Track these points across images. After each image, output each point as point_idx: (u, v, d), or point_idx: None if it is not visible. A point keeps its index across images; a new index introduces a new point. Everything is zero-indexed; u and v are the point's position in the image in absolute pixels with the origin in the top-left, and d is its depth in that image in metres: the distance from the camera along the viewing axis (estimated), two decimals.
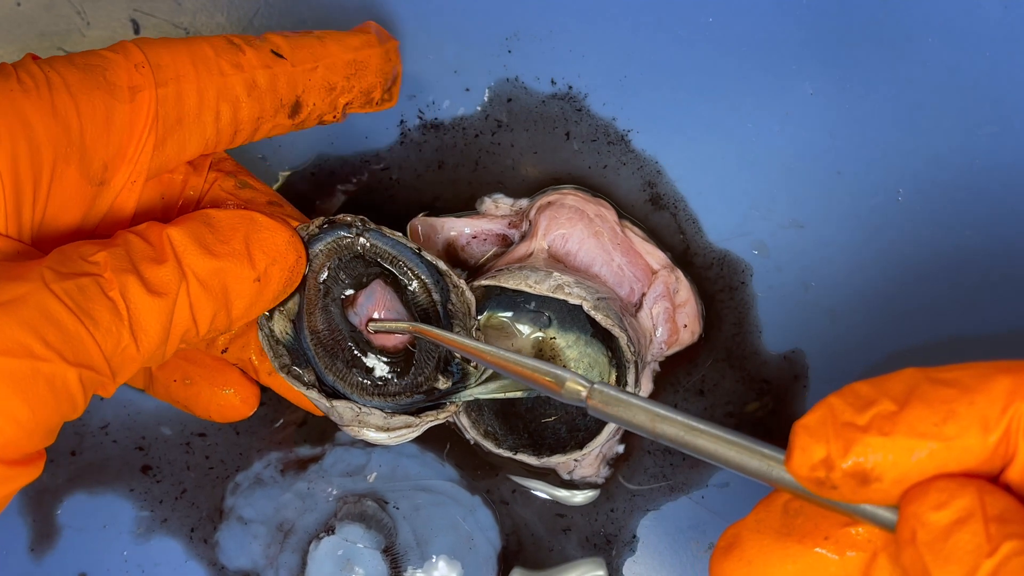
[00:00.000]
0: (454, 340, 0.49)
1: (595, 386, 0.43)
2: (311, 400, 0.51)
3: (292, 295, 0.51)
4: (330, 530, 0.59)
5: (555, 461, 0.54)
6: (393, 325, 0.52)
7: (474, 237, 0.59)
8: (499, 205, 0.60)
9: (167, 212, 0.50)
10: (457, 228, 0.59)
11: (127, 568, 0.60)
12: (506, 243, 0.59)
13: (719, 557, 0.40)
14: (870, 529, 0.38)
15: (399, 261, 0.52)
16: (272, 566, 0.60)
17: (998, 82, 0.58)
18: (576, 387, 0.44)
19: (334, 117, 0.52)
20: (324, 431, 0.60)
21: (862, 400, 0.37)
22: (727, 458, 0.39)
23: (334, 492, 0.60)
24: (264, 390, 0.55)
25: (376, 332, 0.52)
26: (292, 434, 0.61)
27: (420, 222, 0.59)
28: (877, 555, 0.38)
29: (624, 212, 0.60)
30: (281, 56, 0.50)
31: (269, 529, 0.60)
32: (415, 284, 0.52)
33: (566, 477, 0.59)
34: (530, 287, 0.53)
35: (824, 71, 0.59)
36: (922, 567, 0.35)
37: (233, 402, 0.53)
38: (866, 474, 0.36)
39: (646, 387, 0.59)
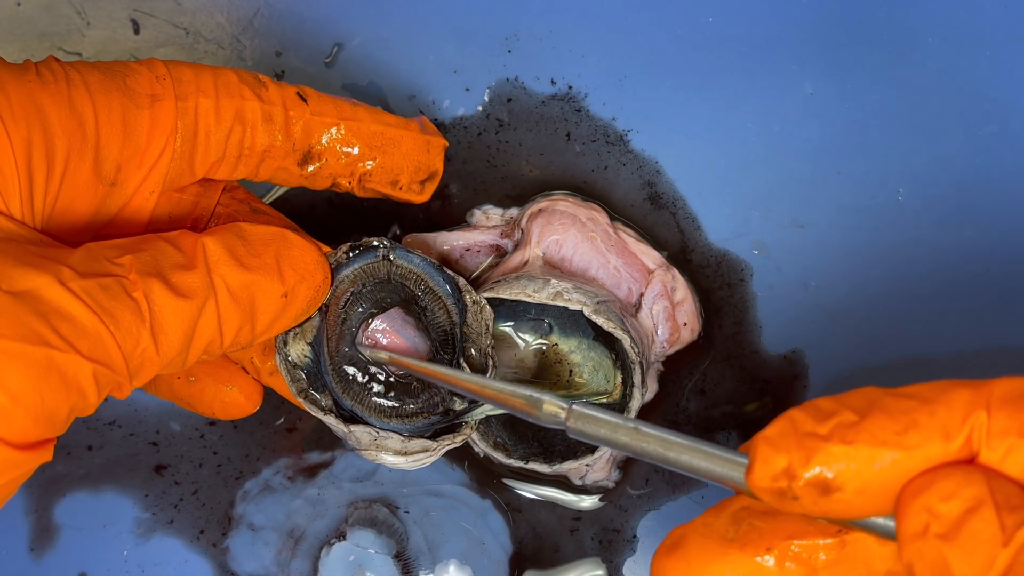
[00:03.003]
0: (429, 369, 0.50)
1: (574, 406, 0.43)
2: (328, 425, 0.52)
3: (310, 317, 0.51)
4: (341, 536, 0.59)
5: (567, 467, 0.54)
6: (370, 353, 0.52)
7: (467, 250, 0.59)
8: (490, 216, 0.60)
9: (174, 230, 0.50)
10: (450, 242, 0.59)
11: (127, 568, 0.60)
12: (500, 253, 0.59)
13: (662, 555, 0.40)
14: (812, 547, 0.38)
15: (423, 281, 0.52)
16: (284, 572, 0.60)
17: (998, 82, 0.58)
18: (554, 409, 0.44)
19: (350, 184, 0.52)
20: (334, 436, 0.60)
21: (822, 412, 0.37)
22: (710, 471, 0.39)
23: (345, 498, 0.60)
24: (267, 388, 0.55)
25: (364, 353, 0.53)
26: (302, 440, 0.61)
27: (412, 239, 0.59)
28: (817, 572, 0.38)
29: (623, 212, 0.60)
30: (304, 101, 0.50)
31: (280, 535, 0.60)
32: (436, 306, 0.53)
33: (578, 482, 0.59)
34: (529, 296, 0.53)
35: (824, 71, 0.59)
36: (939, 560, 0.35)
37: (237, 399, 0.53)
38: (828, 484, 0.36)
39: (651, 387, 0.59)
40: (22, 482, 0.41)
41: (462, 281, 0.52)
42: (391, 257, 0.52)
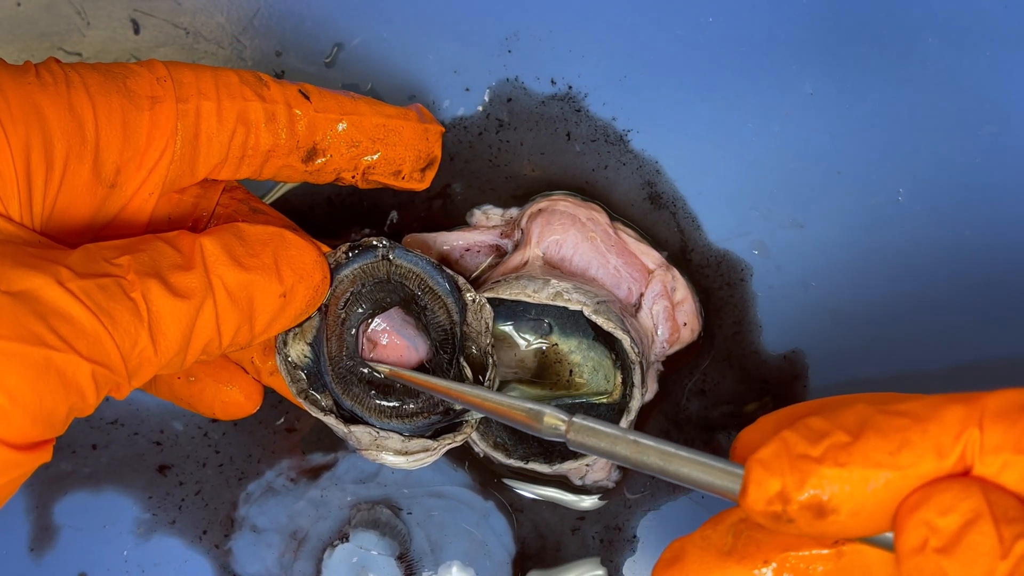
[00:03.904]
0: (430, 383, 0.50)
1: (574, 419, 0.43)
2: (329, 425, 0.52)
3: (309, 317, 0.51)
4: (344, 538, 0.59)
5: (567, 467, 0.54)
6: (374, 366, 0.52)
7: (467, 250, 0.59)
8: (489, 216, 0.60)
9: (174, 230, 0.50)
10: (450, 242, 0.59)
11: (127, 568, 0.60)
12: (500, 253, 0.59)
13: (661, 568, 0.41)
14: (810, 559, 0.39)
15: (422, 280, 0.52)
16: (287, 574, 0.60)
17: (998, 82, 0.58)
18: (555, 421, 0.44)
19: (353, 177, 0.52)
20: (336, 438, 0.60)
21: (815, 433, 0.37)
22: (710, 484, 0.39)
23: (348, 499, 0.60)
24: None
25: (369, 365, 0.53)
26: (300, 441, 0.61)
27: (412, 239, 0.59)
28: None
29: (623, 212, 0.60)
30: (307, 99, 0.50)
31: (283, 538, 0.60)
32: (436, 306, 0.53)
33: (578, 482, 0.59)
34: (529, 296, 0.53)
35: (824, 71, 0.59)
36: (939, 574, 0.35)
37: (237, 399, 0.54)
38: (822, 506, 0.36)
39: (651, 388, 0.59)
40: (21, 482, 0.41)
41: (461, 280, 0.52)
42: (390, 257, 0.52)
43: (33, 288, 0.40)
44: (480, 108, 0.60)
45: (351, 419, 0.52)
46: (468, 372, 0.52)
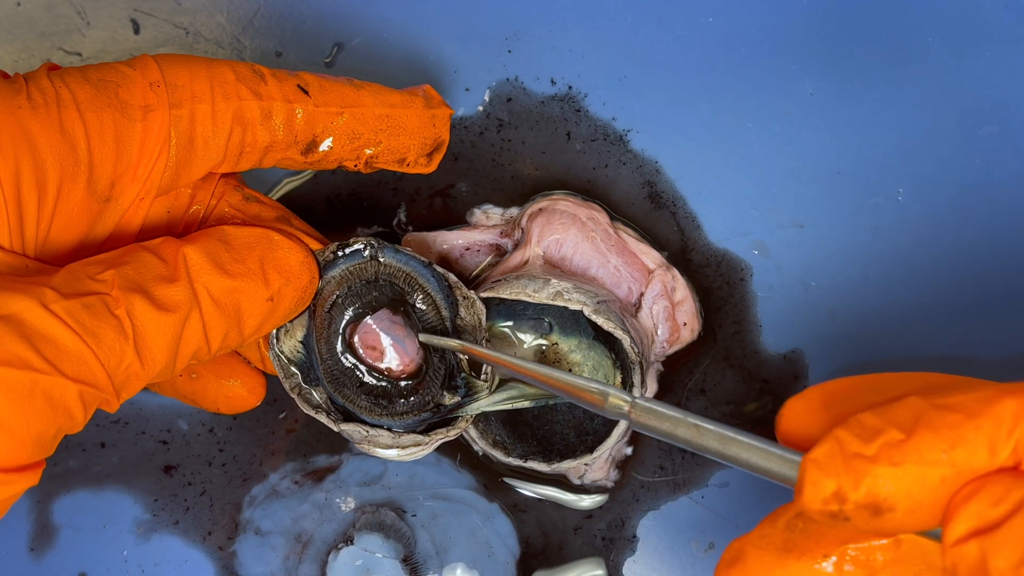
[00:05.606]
0: (501, 359, 0.50)
1: (637, 400, 0.44)
2: (323, 422, 0.52)
3: (300, 315, 0.51)
4: (348, 540, 0.59)
5: (565, 467, 0.54)
6: (441, 341, 0.52)
7: (467, 249, 0.59)
8: (489, 215, 0.60)
9: (172, 227, 0.50)
10: (449, 241, 0.59)
11: (127, 568, 0.60)
12: (500, 253, 0.59)
13: (722, 570, 0.41)
14: (869, 549, 0.39)
15: (411, 278, 0.52)
16: None
17: (998, 82, 0.58)
18: (618, 402, 0.44)
19: (356, 165, 0.51)
20: (339, 440, 0.60)
21: (868, 430, 0.37)
22: (768, 469, 0.40)
23: (352, 502, 0.60)
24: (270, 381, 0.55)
25: (425, 343, 0.53)
26: (293, 447, 0.61)
27: (412, 238, 0.59)
28: (877, 573, 0.39)
29: (623, 212, 0.60)
30: (306, 93, 0.49)
31: (287, 540, 0.60)
32: (426, 304, 0.53)
33: (576, 482, 0.59)
34: (529, 296, 0.53)
35: (824, 71, 0.59)
36: (979, 557, 0.35)
37: (240, 393, 0.54)
38: (878, 505, 0.36)
39: (651, 387, 0.59)
40: (12, 503, 0.41)
41: (452, 277, 0.52)
42: (379, 257, 0.52)
43: (17, 312, 0.40)
44: (480, 108, 0.60)
45: (344, 414, 0.52)
46: (465, 365, 0.52)
